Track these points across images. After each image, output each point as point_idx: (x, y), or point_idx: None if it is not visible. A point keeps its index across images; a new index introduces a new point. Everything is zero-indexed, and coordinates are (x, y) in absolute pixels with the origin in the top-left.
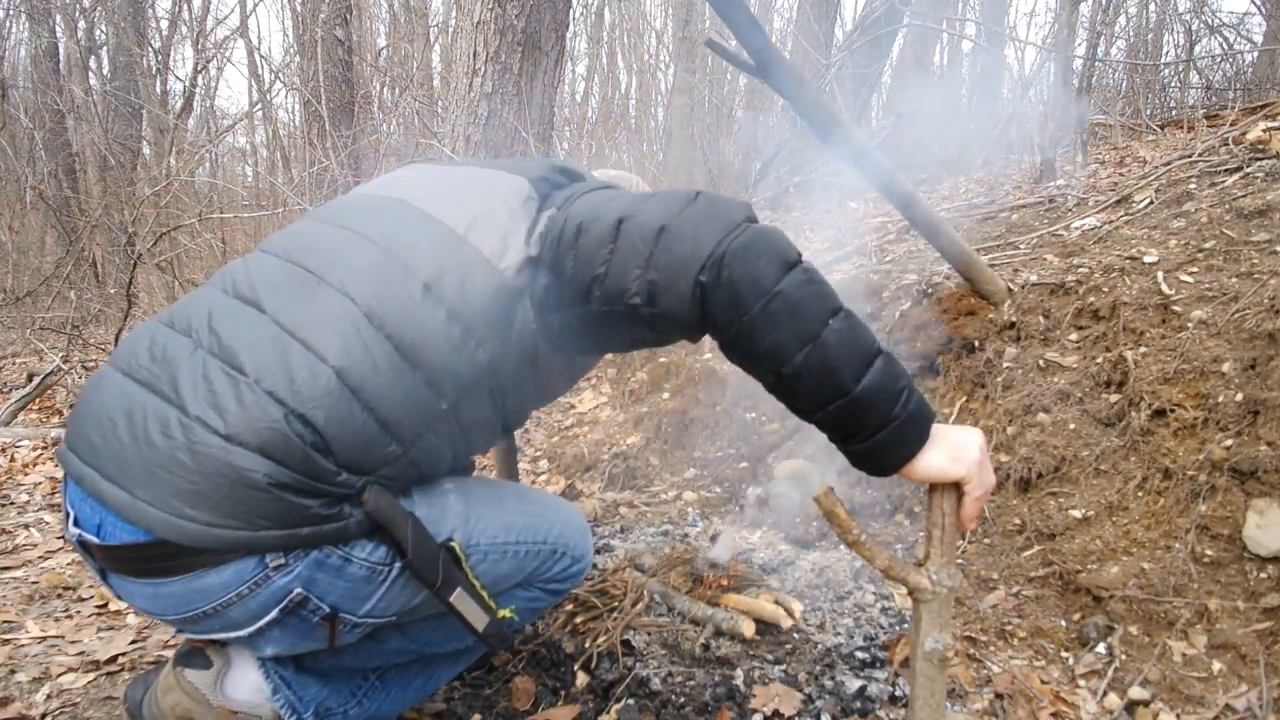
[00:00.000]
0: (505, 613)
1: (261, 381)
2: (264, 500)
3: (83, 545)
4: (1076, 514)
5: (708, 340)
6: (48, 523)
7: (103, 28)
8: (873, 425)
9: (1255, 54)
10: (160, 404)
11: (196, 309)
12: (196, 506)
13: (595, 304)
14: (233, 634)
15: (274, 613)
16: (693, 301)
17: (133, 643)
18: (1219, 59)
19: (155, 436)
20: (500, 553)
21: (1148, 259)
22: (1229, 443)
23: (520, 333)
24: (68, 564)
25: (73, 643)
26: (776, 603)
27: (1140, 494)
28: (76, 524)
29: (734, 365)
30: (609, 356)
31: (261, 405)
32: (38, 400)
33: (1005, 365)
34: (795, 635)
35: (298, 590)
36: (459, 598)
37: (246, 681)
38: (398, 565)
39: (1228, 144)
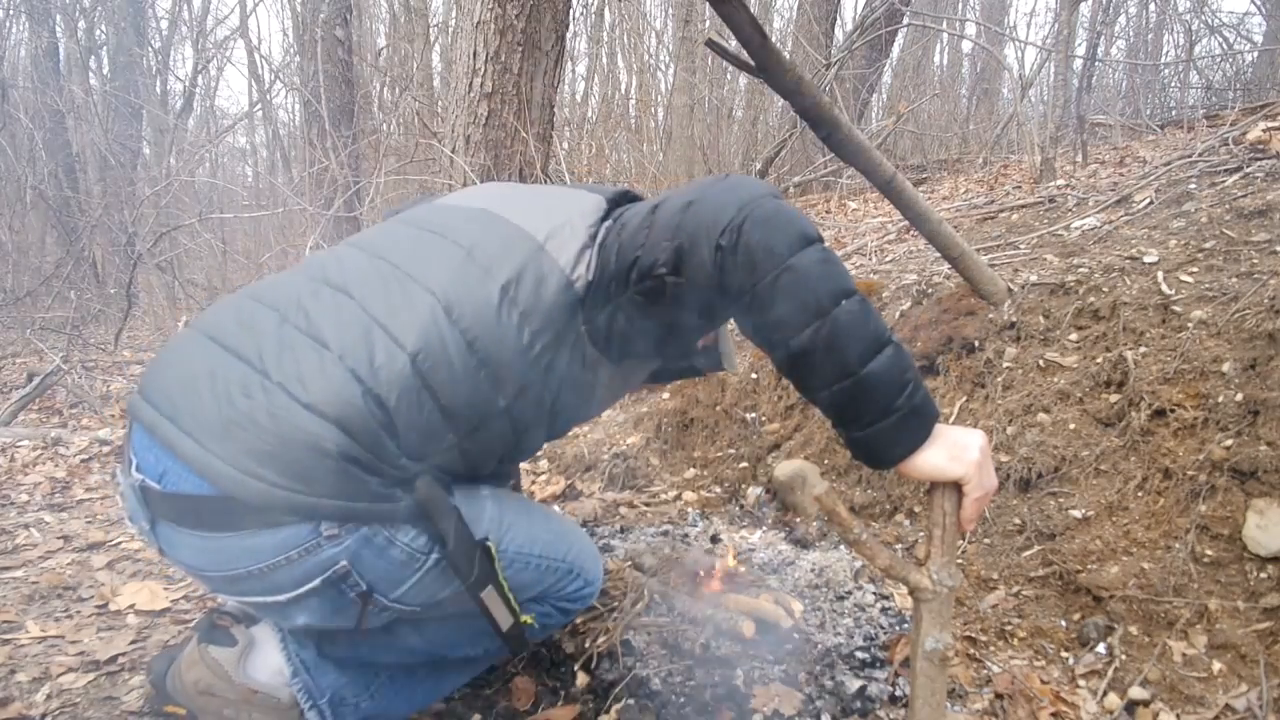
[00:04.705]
0: (527, 618)
1: (345, 358)
2: (331, 469)
3: (141, 491)
4: (1076, 514)
5: None
6: (48, 523)
7: (103, 28)
8: (875, 412)
9: (1255, 54)
10: (244, 368)
11: (285, 289)
12: (266, 466)
13: (632, 286)
14: (271, 598)
15: (316, 581)
16: (713, 265)
17: (133, 643)
18: (1219, 59)
19: (237, 397)
20: (524, 563)
21: (1148, 259)
22: (1229, 443)
23: (574, 338)
24: (68, 564)
25: (73, 643)
26: (776, 603)
27: (1140, 494)
28: (139, 470)
29: (747, 339)
30: None
31: (343, 380)
32: (38, 400)
33: (1005, 365)
34: (795, 635)
35: (343, 563)
36: (488, 594)
37: (268, 663)
38: (435, 555)
39: (1228, 144)
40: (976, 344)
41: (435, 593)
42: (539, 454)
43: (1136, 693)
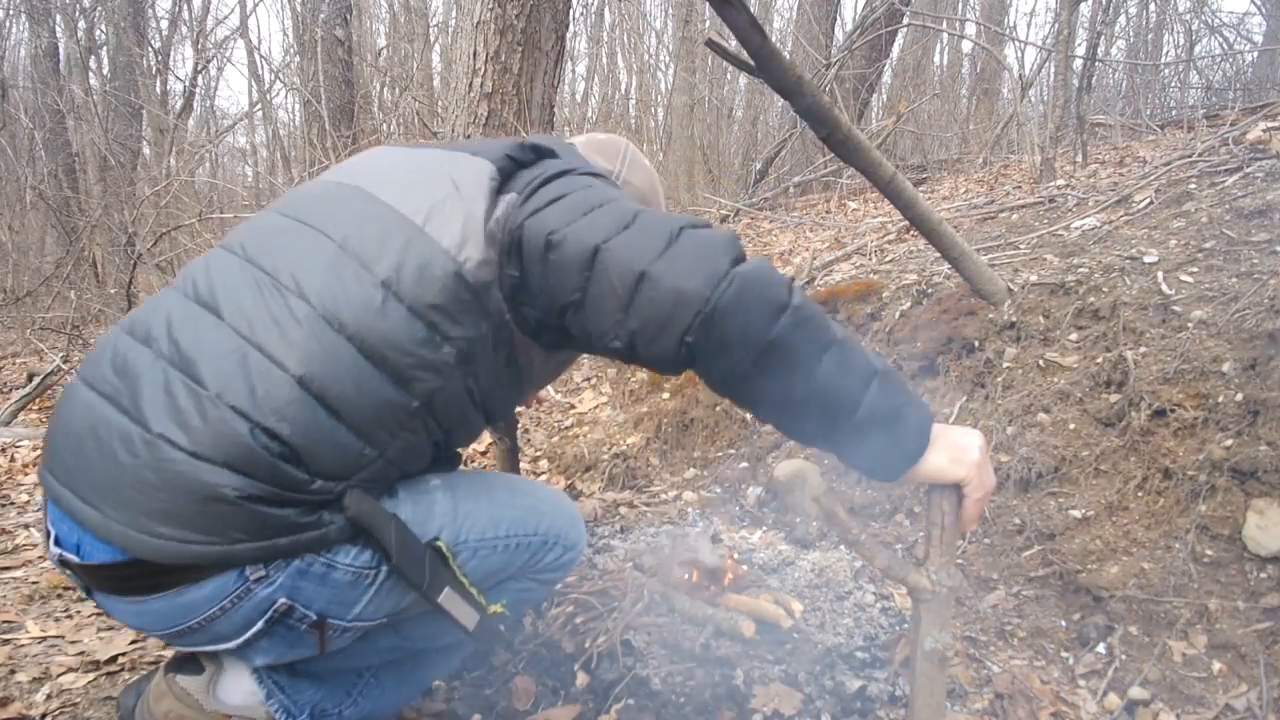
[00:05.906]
0: (496, 608)
1: (224, 395)
2: (235, 514)
3: (65, 564)
4: (1076, 514)
5: None
6: None
7: (103, 28)
8: (872, 441)
9: (1255, 54)
10: (123, 420)
11: (156, 315)
12: (168, 524)
13: (571, 327)
14: (221, 646)
15: (260, 624)
16: (678, 356)
17: (133, 643)
18: (1219, 59)
19: (120, 455)
20: (490, 548)
21: (1148, 259)
22: (1229, 443)
23: (494, 323)
24: None
25: (73, 643)
26: (776, 603)
27: (1140, 494)
28: (58, 543)
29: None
30: None
31: (225, 420)
32: (38, 400)
33: (1005, 365)
34: (795, 635)
35: (282, 600)
36: (447, 597)
37: (239, 686)
38: (384, 569)
39: (1228, 144)
40: (976, 344)
41: (396, 603)
42: (539, 454)
43: (1136, 693)
